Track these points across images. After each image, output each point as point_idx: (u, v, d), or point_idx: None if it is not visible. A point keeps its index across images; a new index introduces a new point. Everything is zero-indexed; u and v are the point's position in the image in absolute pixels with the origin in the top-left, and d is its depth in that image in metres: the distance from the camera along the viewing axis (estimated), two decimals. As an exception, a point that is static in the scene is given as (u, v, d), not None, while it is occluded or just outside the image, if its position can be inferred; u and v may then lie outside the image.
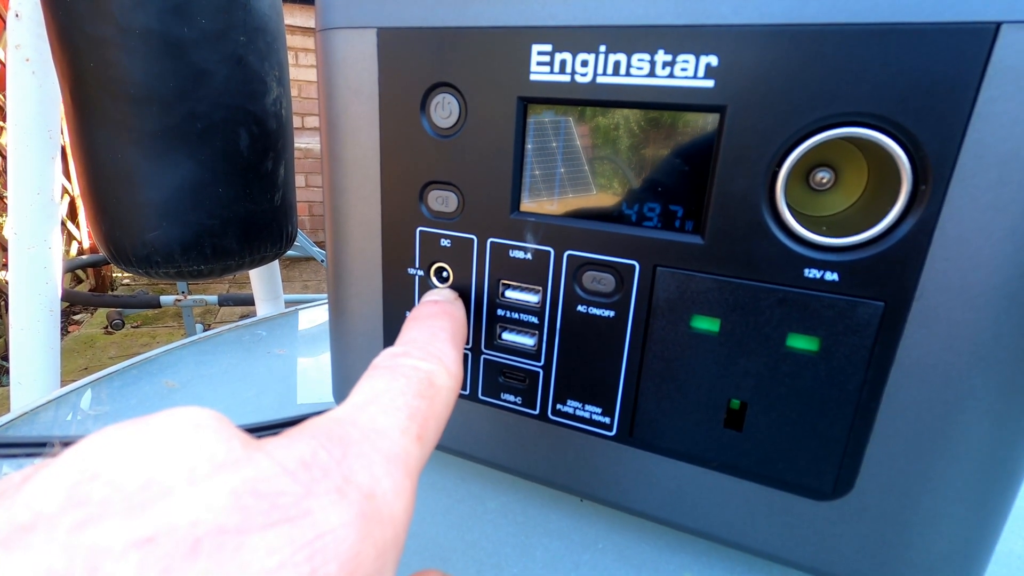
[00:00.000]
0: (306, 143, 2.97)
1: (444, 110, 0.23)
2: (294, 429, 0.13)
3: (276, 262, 0.92)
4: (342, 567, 0.10)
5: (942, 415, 0.19)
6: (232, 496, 0.10)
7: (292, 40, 2.38)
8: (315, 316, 0.58)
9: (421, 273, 0.26)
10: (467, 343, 0.26)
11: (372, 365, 0.17)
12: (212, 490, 0.10)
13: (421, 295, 0.26)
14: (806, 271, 0.19)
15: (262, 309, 0.95)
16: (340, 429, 0.13)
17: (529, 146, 0.23)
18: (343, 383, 0.31)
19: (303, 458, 0.12)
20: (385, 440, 0.14)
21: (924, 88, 0.17)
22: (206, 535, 0.09)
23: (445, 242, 0.25)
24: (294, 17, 2.49)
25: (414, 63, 0.23)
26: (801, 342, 0.20)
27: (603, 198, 0.22)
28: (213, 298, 1.83)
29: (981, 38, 0.16)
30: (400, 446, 0.14)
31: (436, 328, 0.20)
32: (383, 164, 0.25)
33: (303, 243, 2.11)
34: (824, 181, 0.20)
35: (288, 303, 0.98)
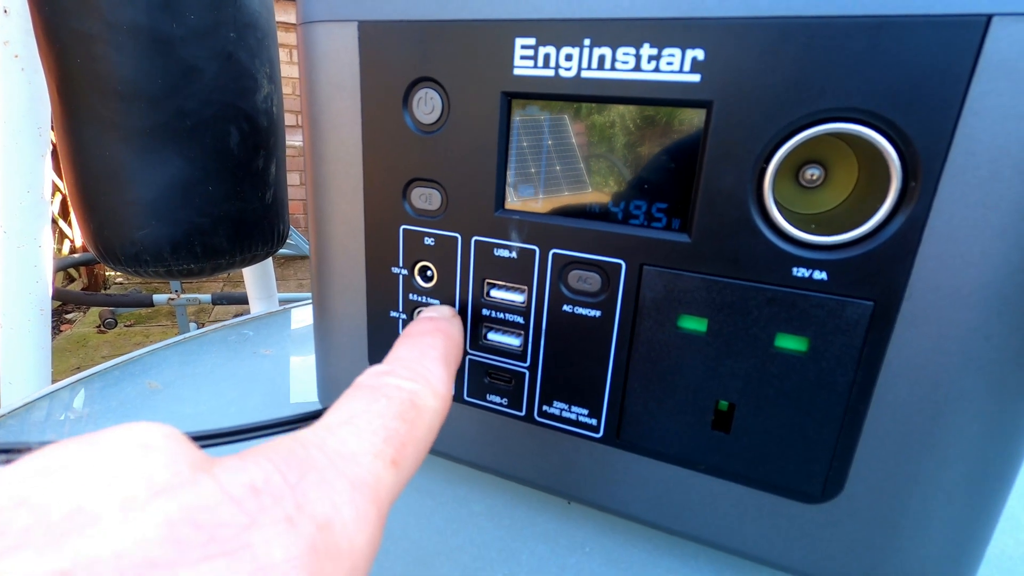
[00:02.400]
0: (300, 141, 2.96)
1: (427, 105, 0.23)
2: (252, 450, 0.12)
3: (270, 260, 0.91)
4: None
5: (932, 416, 0.19)
6: (167, 526, 0.10)
7: (285, 37, 2.37)
8: (308, 315, 0.57)
9: (405, 272, 0.26)
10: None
11: (354, 383, 0.17)
12: (145, 519, 0.09)
13: (405, 294, 0.26)
14: (794, 270, 0.19)
15: (256, 308, 0.95)
16: (303, 451, 0.13)
17: (513, 142, 0.22)
18: (327, 384, 0.31)
19: (253, 483, 0.11)
20: (353, 465, 0.13)
21: (914, 83, 0.16)
22: (131, 569, 0.09)
23: (429, 240, 0.25)
24: (288, 14, 2.47)
25: (396, 57, 0.23)
26: (789, 342, 0.20)
27: (588, 195, 0.22)
28: (207, 297, 1.82)
29: (972, 31, 0.15)
30: (370, 472, 0.13)
31: (426, 346, 0.19)
32: (365, 161, 0.25)
33: (297, 241, 2.10)
34: (814, 178, 0.19)
35: (282, 301, 0.97)
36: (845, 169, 0.19)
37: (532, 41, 0.20)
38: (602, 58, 0.20)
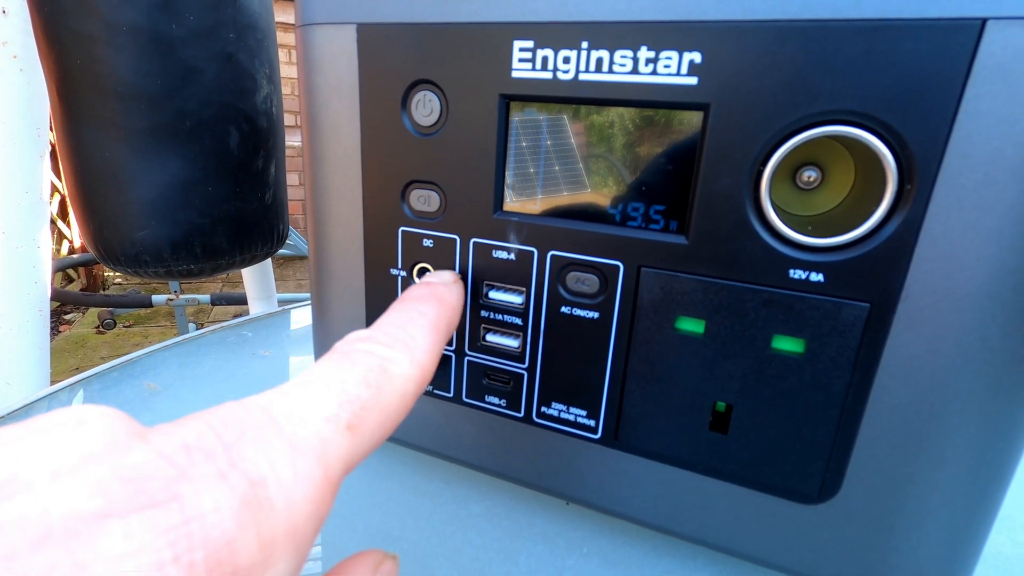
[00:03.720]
0: (299, 142, 2.95)
1: (425, 108, 0.23)
2: (196, 413, 0.12)
3: (269, 261, 0.91)
4: (211, 555, 0.10)
5: (928, 417, 0.19)
6: (95, 484, 0.10)
7: (285, 38, 2.37)
8: (307, 315, 0.57)
9: (404, 274, 0.26)
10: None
11: (331, 348, 0.16)
12: (74, 481, 0.10)
13: (404, 296, 0.26)
14: (791, 272, 0.19)
15: (255, 308, 0.95)
16: (244, 412, 0.13)
17: (512, 144, 0.22)
18: (327, 385, 0.31)
19: (186, 441, 0.11)
20: (299, 425, 0.13)
21: (909, 85, 0.16)
22: (58, 522, 0.09)
23: (428, 242, 0.25)
24: (287, 14, 2.47)
25: (394, 60, 0.23)
26: (787, 344, 0.20)
27: (587, 197, 0.22)
28: (205, 297, 1.82)
29: (967, 34, 0.16)
30: (317, 433, 0.13)
31: (415, 313, 0.19)
32: (364, 163, 0.25)
33: (296, 242, 2.10)
34: (811, 180, 0.19)
35: (282, 302, 0.97)
36: (842, 171, 0.19)
37: (530, 44, 0.20)
38: (600, 61, 0.20)
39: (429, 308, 0.19)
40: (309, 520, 0.12)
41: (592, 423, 0.24)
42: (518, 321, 0.24)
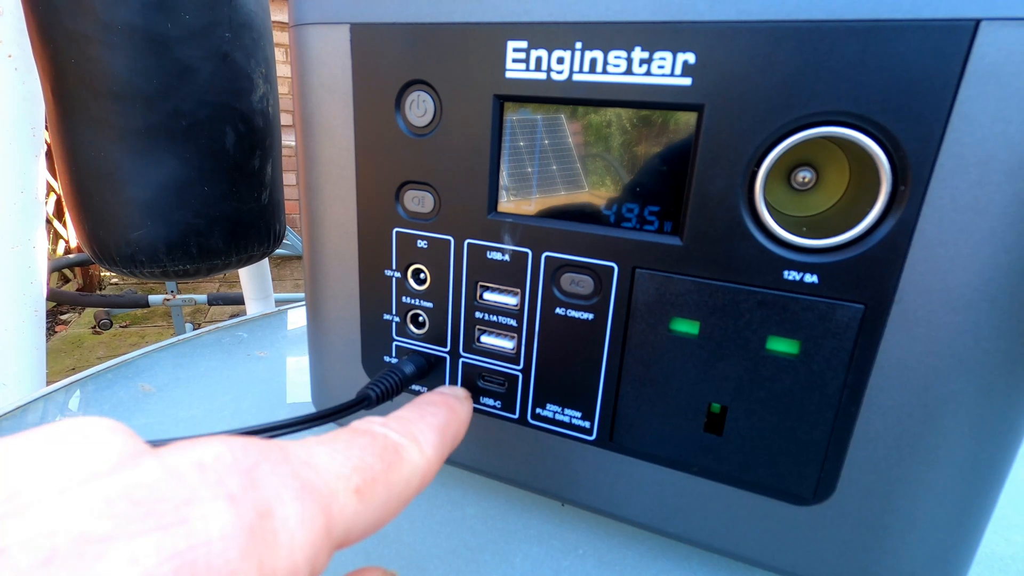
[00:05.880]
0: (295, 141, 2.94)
1: (419, 108, 0.23)
2: (215, 434, 0.12)
3: (266, 261, 0.91)
4: None
5: (923, 418, 0.19)
6: (105, 503, 0.10)
7: (282, 37, 2.36)
8: (304, 316, 0.57)
9: (398, 275, 0.26)
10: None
11: (349, 424, 0.17)
12: (82, 498, 0.10)
13: (398, 297, 0.26)
14: (785, 273, 0.19)
15: (252, 308, 0.94)
16: (265, 446, 0.12)
17: (506, 145, 0.22)
18: (321, 386, 0.31)
19: (201, 460, 0.11)
20: (312, 472, 0.13)
21: (903, 86, 0.16)
22: (65, 544, 0.09)
23: (422, 243, 0.25)
24: (284, 13, 2.46)
25: (388, 60, 0.23)
26: (781, 345, 0.20)
27: (581, 198, 0.22)
28: (202, 297, 1.81)
29: (960, 35, 0.15)
30: (328, 486, 0.13)
31: (428, 413, 0.20)
32: (358, 163, 0.25)
33: (293, 241, 2.10)
34: (806, 181, 0.19)
35: (279, 302, 0.97)
36: (837, 172, 0.19)
37: (524, 44, 0.20)
38: (594, 61, 0.20)
39: (440, 411, 0.20)
40: (306, 565, 0.12)
41: (587, 424, 0.24)
42: (513, 322, 0.24)
